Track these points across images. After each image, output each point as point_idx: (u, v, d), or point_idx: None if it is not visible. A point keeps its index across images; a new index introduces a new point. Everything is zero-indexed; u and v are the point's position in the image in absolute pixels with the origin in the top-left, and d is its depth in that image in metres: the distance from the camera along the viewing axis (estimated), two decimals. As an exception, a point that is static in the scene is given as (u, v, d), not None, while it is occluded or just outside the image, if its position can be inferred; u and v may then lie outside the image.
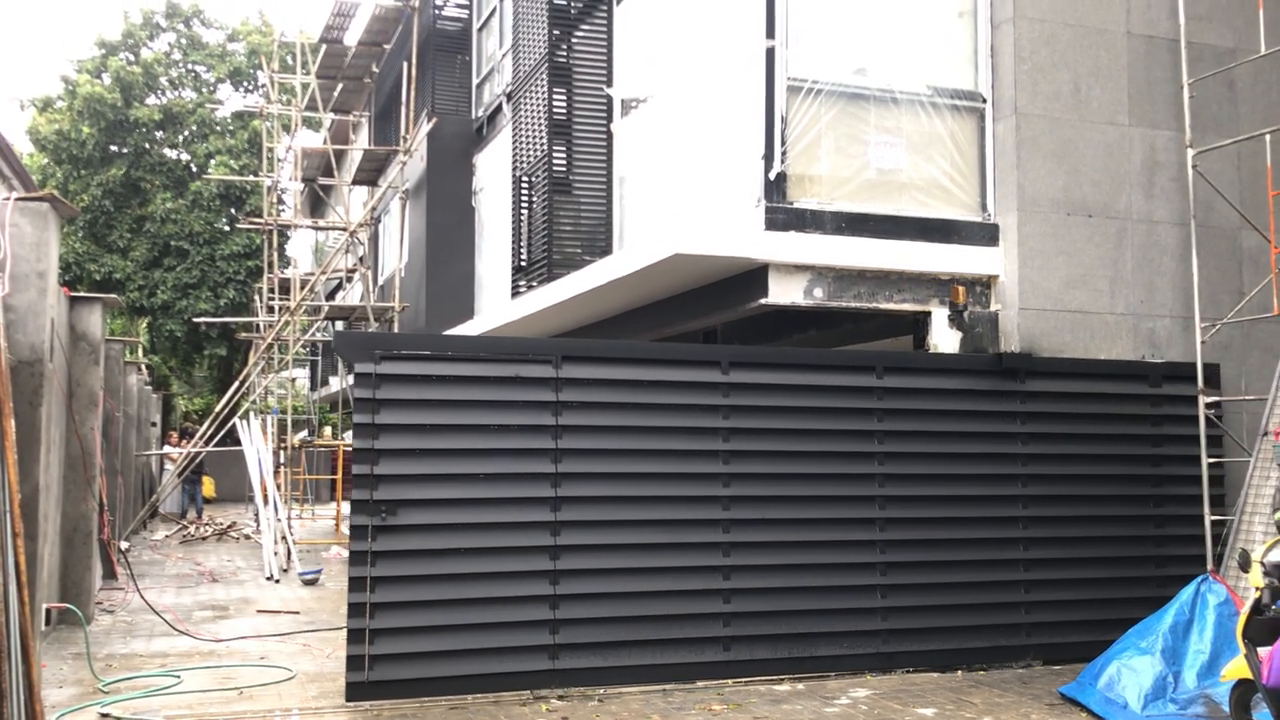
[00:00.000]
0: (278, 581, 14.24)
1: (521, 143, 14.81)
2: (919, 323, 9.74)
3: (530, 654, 7.96)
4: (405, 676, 7.75)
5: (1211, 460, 8.83)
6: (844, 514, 8.78)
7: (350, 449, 20.19)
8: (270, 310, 23.71)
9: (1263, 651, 6.18)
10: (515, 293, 14.64)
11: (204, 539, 20.21)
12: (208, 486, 27.18)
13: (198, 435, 20.29)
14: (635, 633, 8.19)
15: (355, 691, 7.66)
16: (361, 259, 22.55)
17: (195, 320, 31.19)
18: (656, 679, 8.19)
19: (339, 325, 26.66)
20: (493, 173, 18.06)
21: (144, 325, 33.42)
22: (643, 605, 8.24)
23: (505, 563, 8.00)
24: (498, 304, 16.53)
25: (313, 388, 34.71)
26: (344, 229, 21.24)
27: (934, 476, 9.02)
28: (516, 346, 8.43)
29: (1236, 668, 6.52)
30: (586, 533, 8.20)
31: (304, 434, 24.05)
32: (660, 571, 8.32)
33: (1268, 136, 9.14)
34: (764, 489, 8.62)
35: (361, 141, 27.58)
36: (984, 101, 9.84)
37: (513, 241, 15.04)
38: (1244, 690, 6.56)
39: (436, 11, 20.97)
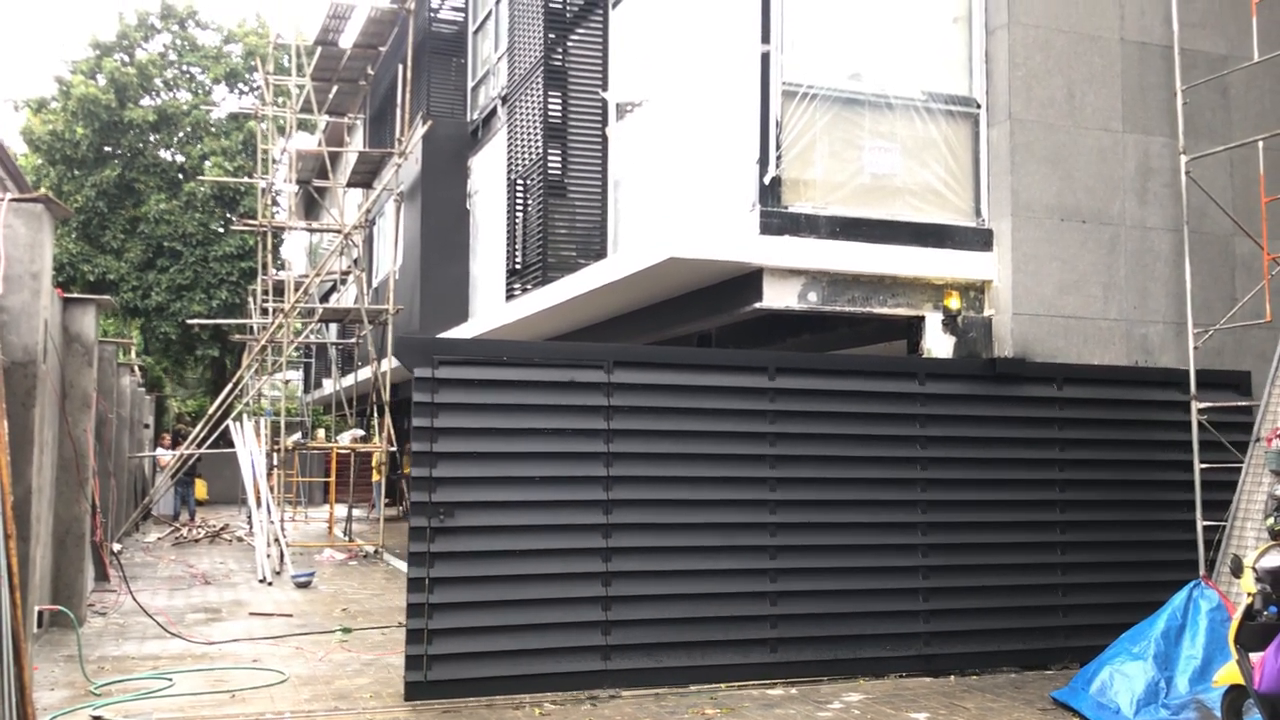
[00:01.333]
0: (270, 584, 14.21)
1: (516, 146, 14.81)
2: (913, 327, 9.76)
3: (584, 654, 8.07)
4: (462, 676, 7.85)
5: (1204, 465, 8.85)
6: (886, 518, 8.90)
7: (343, 452, 20.22)
8: (264, 312, 23.69)
9: (1255, 657, 6.19)
10: (510, 295, 14.64)
11: (196, 541, 20.16)
12: (200, 489, 27.11)
13: (190, 437, 20.25)
14: (684, 634, 8.32)
15: (414, 691, 7.77)
16: (356, 261, 22.54)
17: (189, 322, 31.13)
18: (705, 679, 8.31)
19: (333, 327, 26.67)
20: (487, 176, 18.07)
21: (137, 327, 33.34)
22: (692, 607, 8.36)
23: (559, 564, 8.13)
24: (492, 307, 16.54)
25: (306, 390, 34.67)
26: (338, 231, 21.22)
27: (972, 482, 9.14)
28: (570, 352, 8.57)
29: (1228, 673, 6.53)
30: (637, 535, 8.32)
31: (297, 436, 23.96)
32: (709, 574, 8.44)
33: (1260, 143, 9.17)
34: (809, 493, 8.76)
35: (356, 144, 27.58)
36: (978, 107, 9.87)
37: (507, 244, 15.04)
38: (1236, 696, 6.57)
39: (432, 14, 20.99)
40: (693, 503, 8.48)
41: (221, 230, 32.74)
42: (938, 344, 9.55)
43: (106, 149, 32.66)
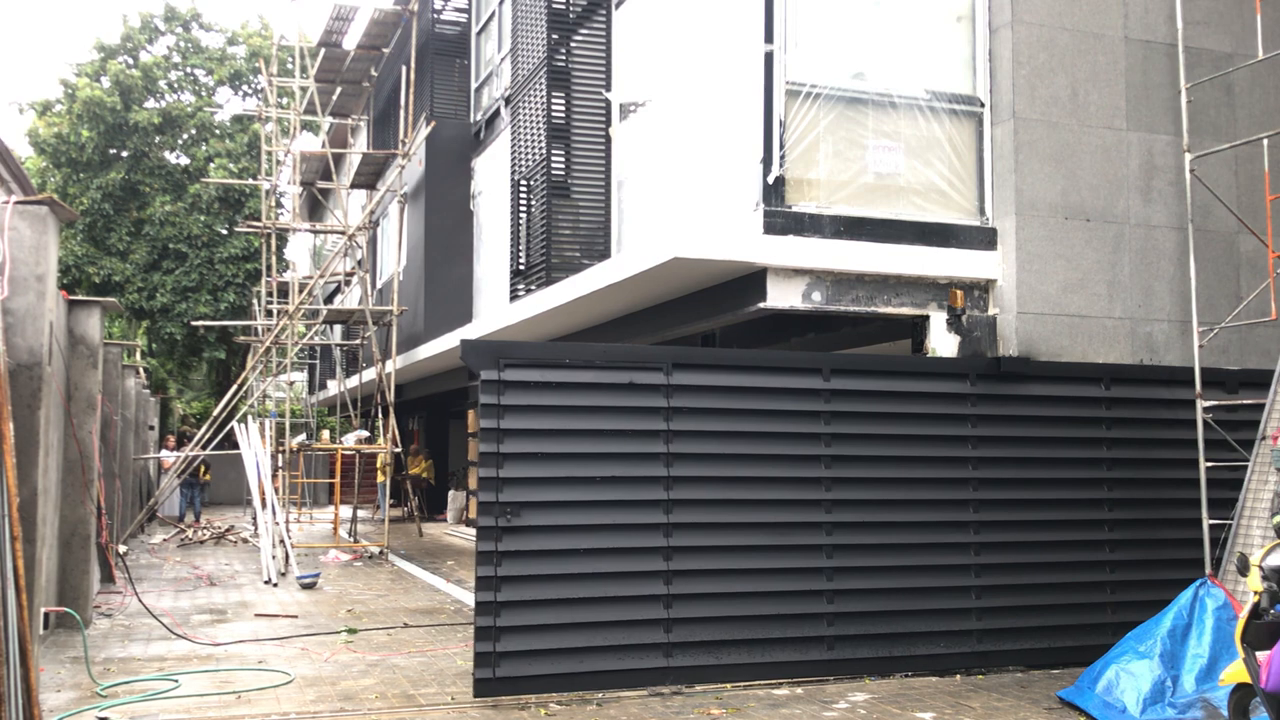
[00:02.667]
0: (276, 585, 14.22)
1: (520, 146, 14.82)
2: (917, 327, 9.75)
3: (646, 652, 8.23)
4: (529, 673, 8.02)
5: (1210, 464, 8.83)
6: (937, 517, 9.06)
7: (347, 453, 20.22)
8: (269, 313, 23.70)
9: (1261, 656, 6.18)
10: (514, 296, 14.64)
11: (202, 543, 20.19)
12: (204, 473, 27.20)
13: (195, 439, 20.27)
14: (744, 631, 8.48)
15: (483, 687, 7.92)
16: (360, 262, 22.54)
17: (194, 323, 31.17)
18: (765, 676, 8.47)
19: (337, 329, 26.68)
20: (491, 176, 18.07)
21: (143, 329, 33.39)
22: (751, 605, 8.52)
23: (621, 563, 8.29)
24: (496, 308, 16.54)
25: (311, 391, 34.70)
26: (342, 232, 21.24)
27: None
28: (630, 354, 8.67)
29: (1235, 672, 6.51)
30: (697, 534, 8.47)
31: (302, 437, 23.99)
32: (767, 573, 8.60)
33: (1265, 141, 9.15)
34: (864, 493, 8.93)
35: (360, 145, 27.60)
36: (982, 106, 9.86)
37: (511, 245, 15.05)
38: (1242, 695, 6.56)
39: (435, 15, 21.00)
40: (751, 502, 8.64)
41: (226, 232, 32.78)
42: (942, 343, 9.54)
43: (111, 151, 32.72)
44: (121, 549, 16.20)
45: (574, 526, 8.21)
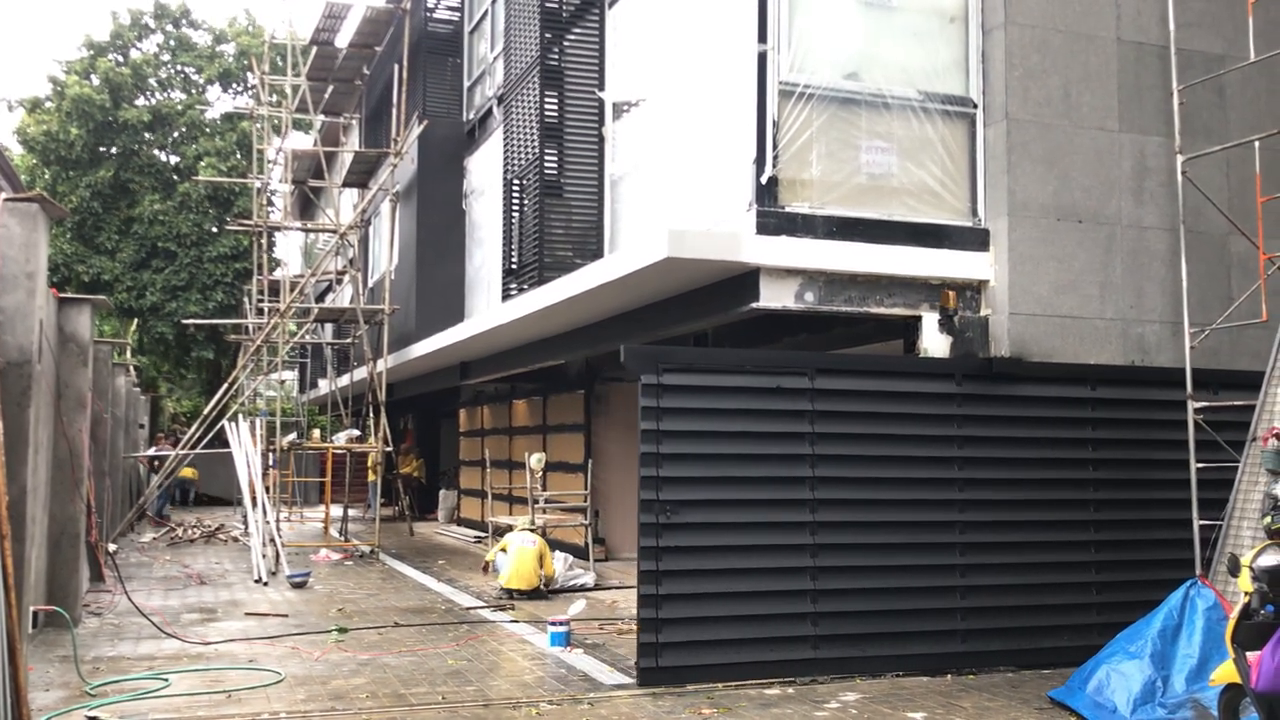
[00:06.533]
0: (266, 584, 14.19)
1: (513, 145, 14.79)
2: (910, 327, 9.76)
3: (795, 644, 8.65)
4: (688, 663, 8.44)
5: (1200, 464, 8.85)
6: (1060, 516, 9.41)
7: (338, 452, 20.18)
8: (259, 312, 23.64)
9: (1251, 656, 6.20)
10: (506, 295, 14.62)
11: (192, 541, 20.14)
12: (189, 471, 27.15)
13: (185, 439, 20.20)
14: (884, 625, 8.88)
15: (646, 676, 8.37)
16: (351, 261, 22.50)
17: (184, 322, 31.07)
18: (903, 668, 8.85)
19: (328, 327, 26.62)
20: (484, 175, 18.05)
21: (133, 327, 33.30)
22: (889, 600, 8.91)
23: (770, 559, 8.71)
24: (489, 307, 16.52)
25: (302, 390, 34.61)
26: (334, 231, 21.19)
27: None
28: (776, 360, 9.07)
29: (1225, 672, 6.54)
30: (841, 533, 8.86)
31: (293, 436, 23.92)
32: (904, 569, 8.99)
33: (1257, 143, 9.17)
34: (995, 493, 9.26)
35: (352, 143, 27.53)
36: (975, 107, 9.87)
37: (504, 244, 15.03)
38: (1233, 695, 6.58)
39: (428, 14, 20.96)
40: (889, 502, 9.02)
41: (216, 231, 32.68)
42: (934, 344, 9.55)
43: (101, 149, 32.60)
44: (111, 547, 16.13)
45: (726, 524, 8.62)
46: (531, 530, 13.34)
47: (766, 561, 8.67)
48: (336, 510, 21.76)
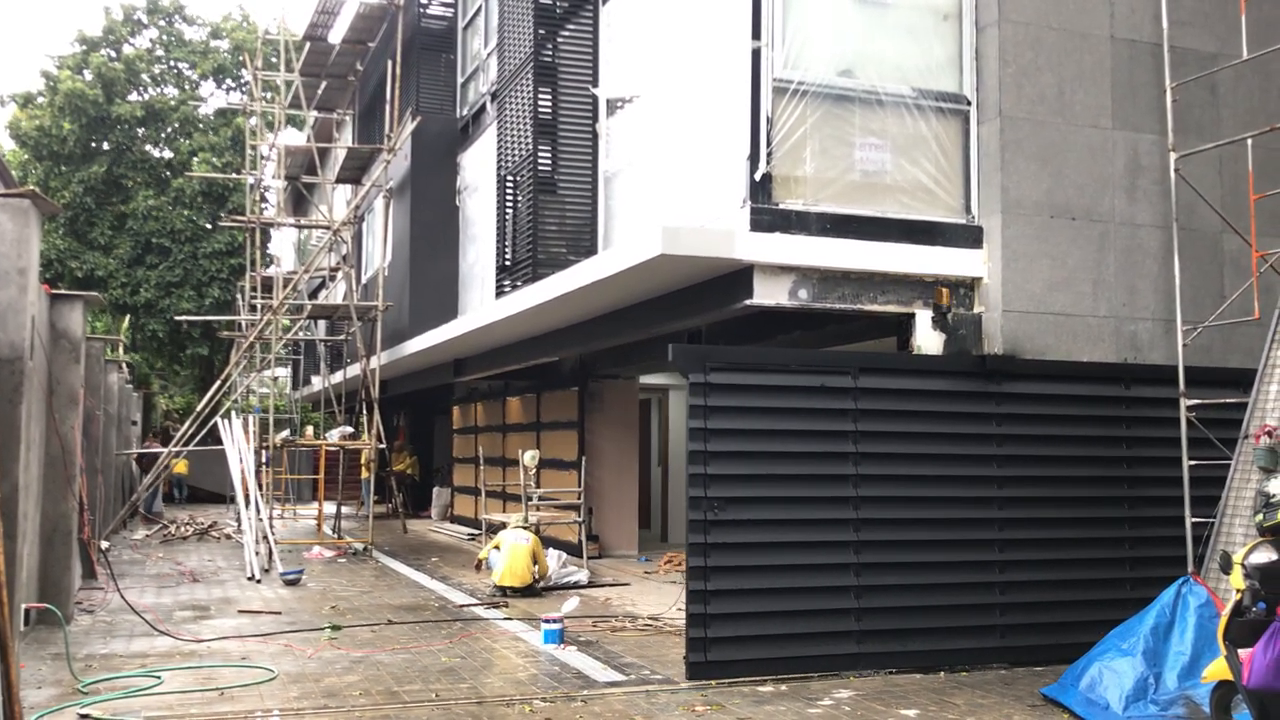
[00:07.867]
0: (259, 581, 14.16)
1: (506, 142, 14.77)
2: (903, 324, 9.76)
3: (840, 639, 8.79)
4: (736, 658, 8.54)
5: (1193, 462, 8.87)
6: (1093, 514, 9.54)
7: (332, 449, 20.14)
8: (253, 309, 23.58)
9: (1243, 653, 6.21)
10: (500, 292, 14.61)
11: (185, 539, 20.10)
12: (180, 465, 27.08)
13: (178, 436, 20.16)
14: (926, 620, 8.97)
15: (695, 670, 8.47)
16: (345, 257, 22.45)
17: (178, 319, 30.99)
18: (945, 662, 8.97)
19: (321, 324, 26.57)
20: (477, 172, 18.02)
21: (126, 324, 33.21)
22: (931, 596, 9.02)
23: (815, 555, 8.82)
24: (482, 303, 16.50)
25: (295, 387, 34.55)
26: (327, 227, 21.15)
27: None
28: (821, 359, 9.19)
29: (1217, 669, 6.55)
30: (883, 530, 8.96)
31: (286, 433, 23.87)
32: (945, 566, 9.09)
33: (1249, 141, 9.18)
34: (1032, 490, 9.37)
35: (345, 139, 27.46)
36: (968, 104, 9.87)
37: (497, 241, 15.01)
38: (1225, 691, 6.59)
39: (421, 10, 20.91)
40: (931, 500, 9.10)
41: (210, 227, 32.60)
42: (928, 341, 9.56)
43: (93, 144, 32.51)
44: (104, 545, 16.11)
45: (772, 521, 8.70)
46: (525, 527, 13.33)
47: (814, 558, 8.79)
48: (330, 508, 21.73)
